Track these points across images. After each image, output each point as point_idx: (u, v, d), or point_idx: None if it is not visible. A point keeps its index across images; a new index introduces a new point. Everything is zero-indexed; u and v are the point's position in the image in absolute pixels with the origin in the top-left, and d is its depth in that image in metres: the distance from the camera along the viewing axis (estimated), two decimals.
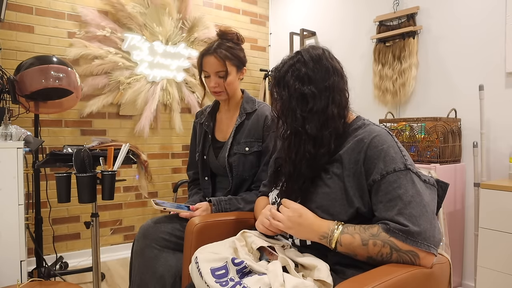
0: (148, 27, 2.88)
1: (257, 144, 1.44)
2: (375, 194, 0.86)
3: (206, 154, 1.53)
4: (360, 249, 0.83)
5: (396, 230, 0.81)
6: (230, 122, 1.52)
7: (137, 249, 1.30)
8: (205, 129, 1.54)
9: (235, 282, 0.81)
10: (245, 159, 1.44)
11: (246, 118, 1.47)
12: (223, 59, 1.38)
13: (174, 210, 1.33)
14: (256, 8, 3.60)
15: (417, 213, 0.81)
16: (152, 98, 2.90)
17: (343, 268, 0.89)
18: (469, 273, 2.12)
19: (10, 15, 2.40)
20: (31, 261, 2.26)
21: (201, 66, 1.42)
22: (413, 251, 0.80)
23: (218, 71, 1.39)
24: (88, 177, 1.45)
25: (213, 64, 1.38)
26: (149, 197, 2.98)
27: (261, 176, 1.43)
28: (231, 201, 1.39)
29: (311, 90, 0.92)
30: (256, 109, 1.48)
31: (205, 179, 1.54)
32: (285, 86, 0.95)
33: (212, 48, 1.39)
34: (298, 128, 0.92)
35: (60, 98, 1.99)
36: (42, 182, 2.31)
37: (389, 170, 0.85)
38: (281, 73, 0.97)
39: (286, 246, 0.97)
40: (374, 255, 0.83)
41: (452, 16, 2.21)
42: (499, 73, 2.00)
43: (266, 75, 3.45)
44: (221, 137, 1.54)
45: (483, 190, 1.73)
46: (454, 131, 2.06)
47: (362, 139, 0.90)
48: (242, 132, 1.46)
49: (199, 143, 1.56)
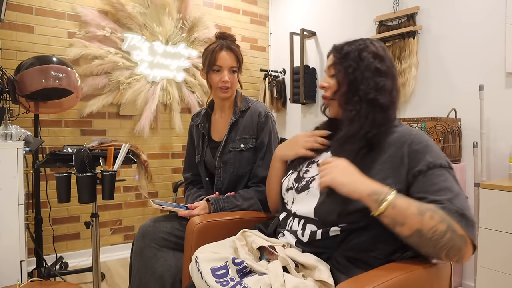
0: (148, 27, 2.88)
1: (251, 140, 1.46)
2: (420, 183, 0.86)
3: (204, 155, 1.54)
4: (413, 218, 0.78)
5: (454, 212, 0.79)
6: (225, 121, 1.53)
7: (137, 249, 1.30)
8: (201, 130, 1.55)
9: (235, 282, 0.81)
10: (241, 155, 1.45)
11: (240, 116, 1.49)
12: (237, 55, 1.43)
13: (173, 209, 1.34)
14: (256, 8, 3.60)
15: (465, 206, 0.81)
16: (152, 98, 2.90)
17: (348, 263, 0.88)
18: (469, 273, 2.12)
19: (10, 15, 2.40)
20: (31, 261, 2.26)
21: (213, 61, 1.41)
22: (465, 237, 0.78)
23: (232, 67, 1.42)
24: (88, 177, 1.45)
25: (228, 59, 1.41)
26: (149, 197, 2.98)
27: (257, 171, 1.45)
28: (229, 199, 1.38)
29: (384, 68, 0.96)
30: (249, 107, 1.50)
31: (206, 179, 1.55)
32: (361, 59, 0.97)
33: (225, 44, 1.42)
34: (371, 96, 0.94)
35: (60, 98, 1.99)
36: (42, 182, 2.31)
37: (436, 164, 0.86)
38: (355, 46, 0.99)
39: (287, 245, 0.97)
40: (426, 229, 0.78)
41: (452, 16, 2.21)
42: (499, 73, 2.00)
43: (266, 75, 3.45)
44: (217, 137, 1.54)
45: (483, 190, 1.73)
46: (454, 131, 2.06)
47: (403, 135, 0.92)
48: (236, 130, 1.48)
49: (198, 145, 1.57)
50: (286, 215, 1.05)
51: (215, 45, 1.42)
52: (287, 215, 1.05)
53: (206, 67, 1.44)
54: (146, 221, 1.36)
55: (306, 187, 1.00)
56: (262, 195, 1.40)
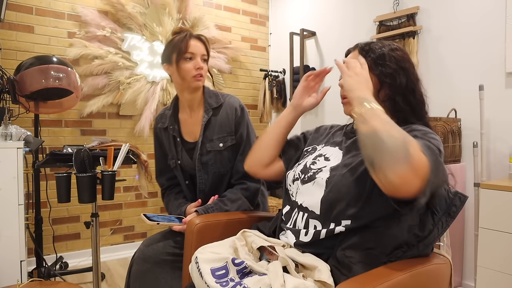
0: (148, 27, 2.88)
1: (230, 138, 1.42)
2: None
3: (180, 158, 1.47)
4: (379, 122, 0.78)
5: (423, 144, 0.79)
6: (196, 120, 1.46)
7: (137, 273, 1.27)
8: (172, 133, 1.47)
9: (235, 282, 0.81)
10: (221, 155, 1.42)
11: (213, 114, 1.43)
12: (206, 44, 1.40)
13: (168, 225, 1.31)
14: (256, 8, 3.60)
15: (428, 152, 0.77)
16: (152, 98, 2.90)
17: (348, 263, 0.88)
18: (469, 273, 2.12)
19: (10, 15, 2.40)
20: (31, 261, 2.26)
21: (184, 49, 1.34)
22: (413, 159, 0.72)
23: (203, 54, 1.39)
24: (88, 177, 1.45)
25: (200, 47, 1.38)
26: (149, 197, 2.98)
27: (239, 166, 1.41)
28: (217, 205, 1.35)
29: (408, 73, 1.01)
30: (222, 103, 1.44)
31: (186, 183, 1.49)
32: (390, 60, 1.00)
33: (193, 34, 1.38)
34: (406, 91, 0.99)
35: (60, 98, 1.99)
36: (42, 182, 2.31)
37: (430, 143, 0.84)
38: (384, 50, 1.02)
39: (287, 245, 0.97)
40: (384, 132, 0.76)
41: (452, 16, 2.21)
42: (499, 73, 2.00)
43: (266, 75, 3.45)
44: (190, 138, 1.48)
45: (483, 190, 1.73)
46: (454, 131, 2.06)
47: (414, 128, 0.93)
48: (212, 128, 1.42)
49: (170, 149, 1.49)
50: (289, 209, 1.05)
51: (182, 34, 1.36)
52: (290, 208, 1.04)
53: (176, 57, 1.35)
54: (144, 243, 1.33)
55: (313, 177, 0.99)
56: (247, 192, 1.40)
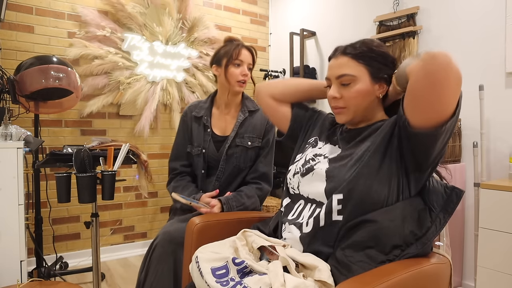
0: (148, 27, 2.88)
1: (258, 140, 1.58)
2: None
3: (206, 147, 1.56)
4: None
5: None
6: (231, 117, 1.61)
7: (162, 255, 1.31)
8: (205, 123, 1.59)
9: (235, 282, 0.81)
10: (246, 152, 1.56)
11: (249, 115, 1.60)
12: (253, 56, 1.61)
13: (197, 206, 1.37)
14: (256, 8, 3.60)
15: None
16: (152, 98, 2.90)
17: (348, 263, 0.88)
18: (469, 273, 2.12)
19: (10, 15, 2.40)
20: (31, 261, 2.26)
21: (236, 55, 1.52)
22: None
23: (250, 63, 1.59)
24: (88, 177, 1.45)
25: (248, 56, 1.57)
26: (149, 197, 2.98)
27: (259, 166, 1.57)
28: (236, 198, 1.45)
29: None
30: (258, 109, 1.62)
31: (202, 172, 1.57)
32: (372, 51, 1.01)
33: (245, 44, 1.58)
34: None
35: (60, 98, 1.98)
36: (42, 182, 2.31)
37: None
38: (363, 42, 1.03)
39: (287, 245, 0.97)
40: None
41: (452, 16, 2.21)
42: (499, 73, 2.00)
43: (266, 75, 3.45)
44: (219, 131, 1.60)
45: (483, 190, 1.73)
46: (454, 131, 2.06)
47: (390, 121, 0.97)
48: (245, 127, 1.58)
49: (198, 137, 1.58)
50: (290, 201, 1.07)
51: (235, 43, 1.55)
52: (291, 201, 1.06)
53: (226, 61, 1.53)
54: (166, 226, 1.39)
55: (311, 169, 1.02)
56: (261, 192, 1.54)
